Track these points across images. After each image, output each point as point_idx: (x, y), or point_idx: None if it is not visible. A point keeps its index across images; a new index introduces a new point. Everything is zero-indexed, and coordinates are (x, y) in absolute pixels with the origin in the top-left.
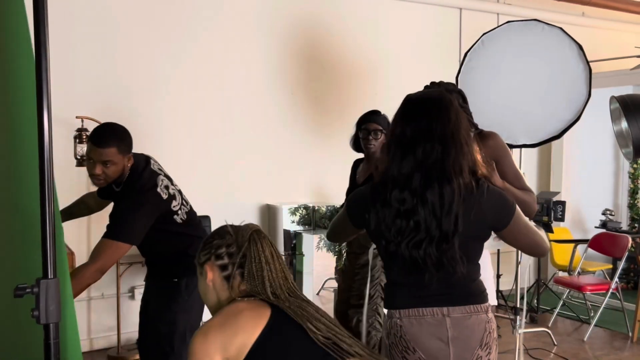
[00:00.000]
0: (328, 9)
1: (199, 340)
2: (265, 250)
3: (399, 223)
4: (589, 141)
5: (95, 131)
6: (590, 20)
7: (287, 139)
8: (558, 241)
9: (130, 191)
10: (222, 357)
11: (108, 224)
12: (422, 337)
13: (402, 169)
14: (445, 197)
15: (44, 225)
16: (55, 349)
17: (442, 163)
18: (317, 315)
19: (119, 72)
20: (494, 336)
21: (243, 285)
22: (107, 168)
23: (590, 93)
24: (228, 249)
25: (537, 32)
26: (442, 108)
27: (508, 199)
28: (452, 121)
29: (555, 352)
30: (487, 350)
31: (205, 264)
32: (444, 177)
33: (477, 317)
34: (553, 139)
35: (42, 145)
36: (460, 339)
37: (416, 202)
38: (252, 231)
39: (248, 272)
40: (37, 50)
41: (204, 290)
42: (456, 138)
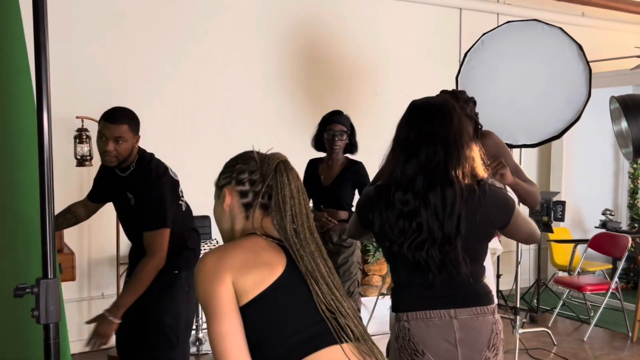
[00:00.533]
0: (328, 9)
1: (212, 255)
2: (291, 183)
3: (401, 224)
4: (589, 141)
5: (108, 110)
6: (590, 20)
7: (287, 139)
8: (558, 241)
9: (146, 175)
10: (233, 283)
11: (143, 216)
12: (430, 339)
13: (406, 172)
14: (447, 199)
15: (44, 226)
16: (55, 349)
17: (445, 166)
18: (324, 272)
19: (118, 72)
20: (500, 337)
21: (264, 220)
22: (118, 145)
23: (590, 93)
24: (251, 175)
25: (537, 32)
26: (445, 113)
27: (509, 198)
28: (455, 126)
29: (555, 352)
30: (494, 352)
31: (225, 187)
32: (446, 179)
33: (484, 319)
34: (553, 139)
35: (42, 146)
36: (468, 340)
37: (419, 204)
38: (279, 161)
39: (274, 204)
40: (37, 50)
41: (219, 214)
42: (458, 142)
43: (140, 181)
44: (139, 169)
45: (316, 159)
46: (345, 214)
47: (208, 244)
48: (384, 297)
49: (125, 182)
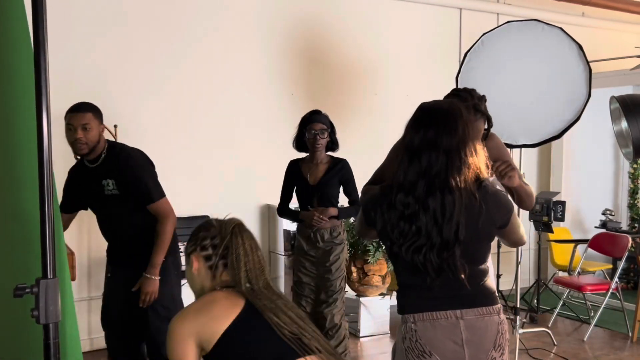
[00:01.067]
0: (328, 9)
1: (176, 323)
2: (245, 242)
3: (402, 226)
4: (589, 141)
5: (72, 105)
6: (590, 20)
7: (287, 139)
8: (558, 241)
9: (129, 156)
10: (196, 341)
11: (136, 189)
12: (437, 340)
13: (408, 175)
14: (447, 206)
15: (44, 226)
16: (55, 348)
17: (445, 173)
18: (285, 309)
19: (118, 72)
20: (506, 337)
21: (224, 275)
22: (86, 132)
23: (590, 93)
24: (212, 240)
25: (537, 32)
26: (450, 119)
27: (508, 199)
28: (459, 133)
29: (555, 352)
30: (500, 352)
31: (192, 255)
32: (445, 186)
33: (490, 319)
34: (553, 139)
35: (41, 146)
36: (474, 341)
37: (418, 208)
38: (234, 224)
39: (229, 263)
40: (36, 51)
41: (190, 279)
42: (461, 150)
43: (117, 163)
44: (112, 154)
45: (297, 160)
46: (334, 211)
47: None
48: (384, 297)
49: (98, 171)
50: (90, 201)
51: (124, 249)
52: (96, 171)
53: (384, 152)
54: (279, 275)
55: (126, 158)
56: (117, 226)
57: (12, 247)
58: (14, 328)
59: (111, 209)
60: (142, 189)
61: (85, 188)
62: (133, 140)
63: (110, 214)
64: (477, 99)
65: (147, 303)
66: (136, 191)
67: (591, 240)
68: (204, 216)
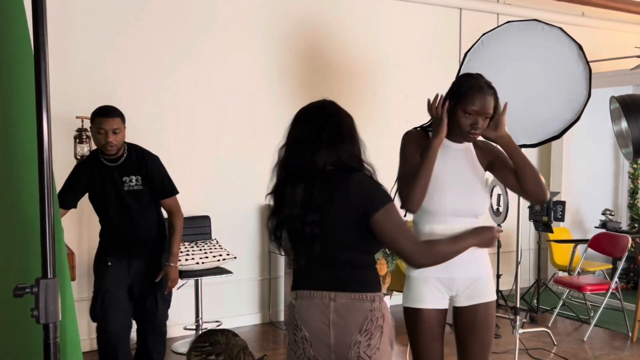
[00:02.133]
0: (328, 10)
1: None
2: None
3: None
4: (589, 141)
5: (100, 108)
6: (590, 21)
7: None
8: (558, 241)
9: (148, 155)
10: None
11: (161, 185)
12: (308, 317)
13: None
14: (308, 189)
15: (44, 226)
16: (55, 348)
17: (312, 160)
18: None
19: (119, 73)
20: (378, 324)
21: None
22: (116, 136)
23: (590, 93)
24: (217, 357)
25: (537, 32)
26: (320, 115)
27: (382, 190)
28: (327, 126)
29: (555, 352)
30: (367, 337)
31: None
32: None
33: (361, 305)
34: (553, 139)
35: (41, 146)
36: (340, 324)
37: (291, 191)
38: (240, 349)
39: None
40: (36, 51)
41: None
42: (316, 141)
43: (145, 162)
44: (133, 154)
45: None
46: None
47: (208, 244)
48: (384, 296)
49: (120, 169)
50: (105, 200)
51: (135, 240)
52: (118, 169)
53: (384, 152)
54: (279, 275)
55: (151, 157)
56: (133, 220)
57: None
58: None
59: (130, 204)
60: (166, 184)
61: (101, 185)
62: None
63: (127, 209)
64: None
65: (171, 288)
66: (161, 186)
67: (591, 240)
68: (204, 216)
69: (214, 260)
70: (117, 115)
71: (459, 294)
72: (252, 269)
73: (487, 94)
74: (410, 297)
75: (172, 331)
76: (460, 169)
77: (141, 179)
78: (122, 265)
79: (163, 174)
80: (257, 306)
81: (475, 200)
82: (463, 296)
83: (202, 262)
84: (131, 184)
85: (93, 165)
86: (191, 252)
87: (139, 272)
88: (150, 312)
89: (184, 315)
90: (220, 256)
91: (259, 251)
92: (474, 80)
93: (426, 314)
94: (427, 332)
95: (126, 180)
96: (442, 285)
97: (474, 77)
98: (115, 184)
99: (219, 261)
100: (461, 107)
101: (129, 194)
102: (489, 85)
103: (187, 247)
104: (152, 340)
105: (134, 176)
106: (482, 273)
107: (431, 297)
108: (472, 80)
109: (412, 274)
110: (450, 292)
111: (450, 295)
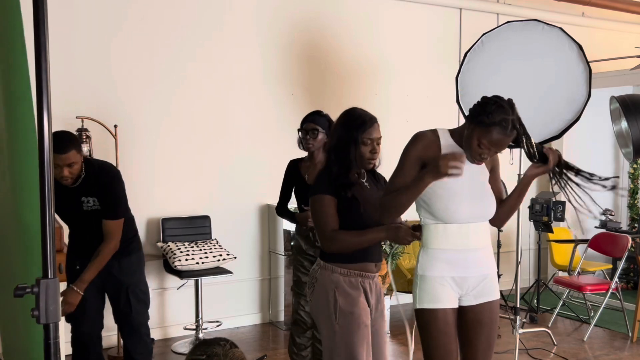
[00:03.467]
0: (328, 9)
1: None
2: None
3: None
4: (589, 141)
5: (54, 141)
6: (590, 21)
7: (287, 139)
8: (558, 241)
9: (105, 174)
10: None
11: (106, 206)
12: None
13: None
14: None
15: (44, 226)
16: (55, 348)
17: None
18: None
19: (119, 73)
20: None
21: None
22: (72, 169)
23: (590, 93)
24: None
25: (537, 32)
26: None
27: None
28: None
29: (555, 352)
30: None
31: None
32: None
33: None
34: (553, 139)
35: (42, 146)
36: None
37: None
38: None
39: None
40: (37, 51)
41: None
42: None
43: (100, 181)
44: (91, 174)
45: (297, 159)
46: None
47: (208, 244)
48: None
49: (78, 191)
50: (67, 215)
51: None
52: (76, 190)
53: (384, 152)
54: (279, 275)
55: (109, 174)
56: (96, 233)
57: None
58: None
59: (90, 222)
60: (112, 205)
61: (62, 203)
62: (133, 140)
63: (88, 226)
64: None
65: (65, 312)
66: (105, 205)
67: (591, 240)
68: (204, 216)
69: (214, 260)
70: (72, 148)
71: (467, 293)
72: (252, 269)
73: (508, 135)
74: (425, 298)
75: (172, 331)
76: (472, 176)
77: (97, 200)
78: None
79: (114, 193)
80: (257, 306)
81: (487, 204)
82: (472, 295)
83: (202, 262)
84: (89, 204)
85: (56, 183)
86: (191, 252)
87: (109, 272)
88: (124, 313)
89: (184, 315)
90: (220, 256)
91: (259, 251)
92: (502, 116)
93: (443, 313)
94: (445, 332)
95: (84, 201)
96: (456, 285)
97: (503, 112)
98: (74, 204)
99: (219, 261)
100: (477, 135)
101: (88, 213)
102: (514, 125)
103: (187, 247)
104: (131, 342)
105: (90, 197)
106: (491, 271)
107: (446, 297)
108: (500, 116)
109: (427, 274)
110: (461, 291)
111: (460, 294)
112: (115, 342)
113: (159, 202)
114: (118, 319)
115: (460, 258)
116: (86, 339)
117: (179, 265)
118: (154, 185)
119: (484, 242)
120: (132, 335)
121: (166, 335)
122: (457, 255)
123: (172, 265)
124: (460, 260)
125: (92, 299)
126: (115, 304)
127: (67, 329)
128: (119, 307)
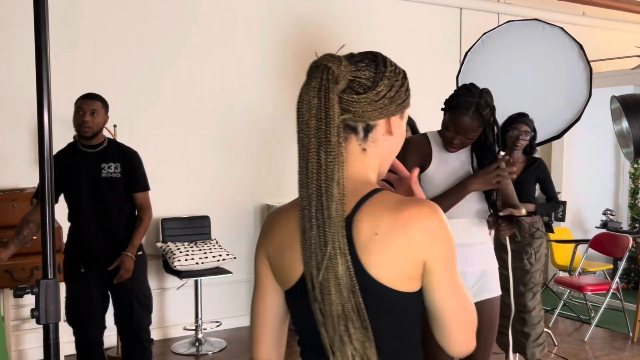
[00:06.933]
0: (327, 9)
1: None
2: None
3: None
4: (589, 141)
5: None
6: (591, 20)
7: (287, 139)
8: (559, 241)
9: (128, 148)
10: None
11: (136, 180)
12: None
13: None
14: None
15: (44, 226)
16: (55, 349)
17: None
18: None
19: (119, 72)
20: None
21: None
22: (93, 118)
23: (591, 93)
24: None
25: (538, 31)
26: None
27: None
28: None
29: (556, 353)
30: None
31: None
32: None
33: None
34: (553, 139)
35: (42, 146)
36: None
37: None
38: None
39: None
40: (37, 50)
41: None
42: None
43: (127, 152)
44: (113, 145)
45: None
46: (532, 207)
47: (208, 244)
48: None
49: (99, 155)
50: (80, 185)
51: (110, 237)
52: (96, 155)
53: None
54: None
55: (133, 151)
56: (108, 212)
57: None
58: None
59: (105, 193)
60: (141, 176)
61: (76, 171)
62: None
63: (103, 198)
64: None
65: (121, 280)
66: (138, 179)
67: (592, 240)
68: (204, 216)
69: (213, 261)
70: (98, 98)
71: (467, 290)
72: (252, 269)
73: (472, 118)
74: None
75: (171, 331)
76: (454, 172)
77: (120, 166)
78: (94, 270)
79: (140, 167)
80: None
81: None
82: (471, 293)
83: (202, 262)
84: (110, 170)
85: (70, 153)
86: (191, 252)
87: (113, 276)
88: (126, 317)
89: (184, 316)
90: (220, 256)
91: None
92: (466, 98)
93: None
94: None
95: (104, 167)
96: None
97: (469, 95)
98: (93, 170)
99: (219, 261)
100: (446, 119)
101: (105, 180)
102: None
103: (187, 247)
104: (130, 348)
105: (113, 163)
106: (490, 266)
107: None
108: (465, 98)
109: None
110: None
111: None
112: (115, 342)
113: (158, 202)
114: (119, 322)
115: (459, 253)
116: (92, 344)
117: (178, 265)
118: (153, 185)
119: (484, 238)
120: (131, 341)
121: (166, 336)
122: (457, 250)
123: (172, 266)
124: (459, 255)
125: (97, 303)
126: (117, 307)
127: (67, 329)
128: (121, 311)
